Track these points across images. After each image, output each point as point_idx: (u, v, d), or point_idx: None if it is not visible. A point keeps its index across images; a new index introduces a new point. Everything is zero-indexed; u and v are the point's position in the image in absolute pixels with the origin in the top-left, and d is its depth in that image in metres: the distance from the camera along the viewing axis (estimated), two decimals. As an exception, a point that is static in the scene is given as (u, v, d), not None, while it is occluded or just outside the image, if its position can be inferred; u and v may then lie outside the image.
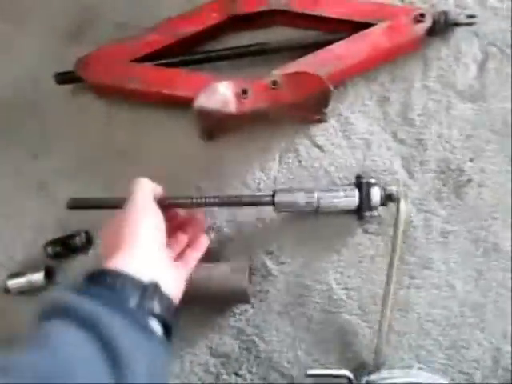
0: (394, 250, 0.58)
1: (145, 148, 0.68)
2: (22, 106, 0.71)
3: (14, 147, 0.70)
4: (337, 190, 0.61)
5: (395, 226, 0.59)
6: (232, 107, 0.60)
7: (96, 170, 0.67)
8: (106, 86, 0.65)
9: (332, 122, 0.67)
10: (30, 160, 0.69)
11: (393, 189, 0.63)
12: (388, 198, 0.61)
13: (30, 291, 0.64)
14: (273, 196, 0.59)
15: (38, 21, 0.73)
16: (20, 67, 0.72)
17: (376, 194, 0.61)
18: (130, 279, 0.41)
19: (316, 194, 0.60)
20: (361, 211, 0.62)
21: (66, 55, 0.68)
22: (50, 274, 0.64)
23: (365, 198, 0.60)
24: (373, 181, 0.61)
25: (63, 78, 0.67)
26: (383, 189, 0.62)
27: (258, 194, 0.65)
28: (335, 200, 0.60)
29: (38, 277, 0.63)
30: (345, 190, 0.61)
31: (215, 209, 0.65)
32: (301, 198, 0.59)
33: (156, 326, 0.42)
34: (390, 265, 0.59)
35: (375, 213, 0.62)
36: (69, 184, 0.68)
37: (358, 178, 0.62)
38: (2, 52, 0.73)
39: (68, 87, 0.70)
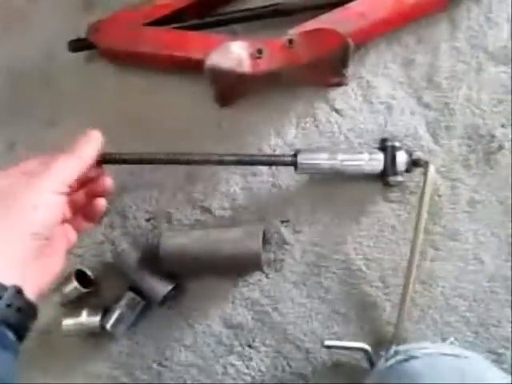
0: (419, 218, 0.55)
1: (159, 114, 0.66)
2: (36, 76, 0.71)
3: (28, 117, 0.70)
4: (361, 153, 0.57)
5: (422, 192, 0.56)
6: (246, 67, 0.57)
7: (110, 138, 0.66)
8: (119, 50, 0.64)
9: (352, 85, 0.63)
10: (45, 129, 0.69)
11: (419, 154, 0.60)
12: (414, 164, 0.58)
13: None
14: (294, 156, 0.55)
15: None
16: (33, 38, 0.72)
17: (402, 158, 0.57)
18: None
19: (340, 156, 0.56)
20: (384, 176, 0.58)
21: (80, 24, 0.67)
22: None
23: (389, 163, 0.57)
24: (398, 144, 0.58)
25: (77, 45, 0.66)
26: (409, 153, 0.58)
27: (277, 153, 0.62)
28: (360, 163, 0.57)
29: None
30: (370, 153, 0.57)
31: (228, 176, 0.63)
32: (324, 160, 0.56)
33: (10, 334, 0.35)
34: (415, 234, 0.55)
35: (399, 178, 0.58)
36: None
37: (384, 140, 0.59)
38: (15, 23, 0.73)
39: (81, 56, 0.69)
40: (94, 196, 0.47)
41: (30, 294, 0.37)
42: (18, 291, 0.36)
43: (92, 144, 0.44)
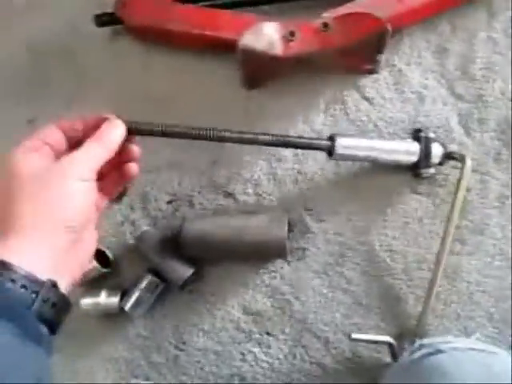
0: (452, 212, 0.54)
1: (183, 95, 0.65)
2: (59, 51, 0.69)
3: (49, 93, 0.68)
4: (398, 142, 0.56)
5: (457, 185, 0.55)
6: (278, 50, 0.56)
7: (131, 117, 0.65)
8: (146, 27, 0.62)
9: (384, 73, 0.62)
10: (66, 105, 0.67)
11: (453, 146, 0.59)
12: (448, 156, 0.57)
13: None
14: (332, 140, 0.52)
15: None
16: (57, 11, 0.70)
17: (437, 151, 0.56)
18: (22, 275, 0.33)
19: (378, 144, 0.54)
20: (416, 168, 0.57)
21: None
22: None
23: (423, 154, 0.56)
24: (432, 135, 0.57)
25: (103, 19, 0.65)
26: (444, 146, 0.57)
27: (314, 136, 0.60)
28: (398, 153, 0.55)
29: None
30: (407, 143, 0.56)
31: (253, 161, 0.62)
32: (362, 147, 0.53)
33: (44, 329, 0.35)
34: (447, 228, 0.54)
35: (431, 171, 0.57)
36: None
37: (418, 131, 0.58)
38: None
39: (106, 32, 0.67)
40: (122, 163, 0.45)
41: (63, 286, 0.36)
42: (54, 285, 0.35)
43: (117, 131, 0.42)
